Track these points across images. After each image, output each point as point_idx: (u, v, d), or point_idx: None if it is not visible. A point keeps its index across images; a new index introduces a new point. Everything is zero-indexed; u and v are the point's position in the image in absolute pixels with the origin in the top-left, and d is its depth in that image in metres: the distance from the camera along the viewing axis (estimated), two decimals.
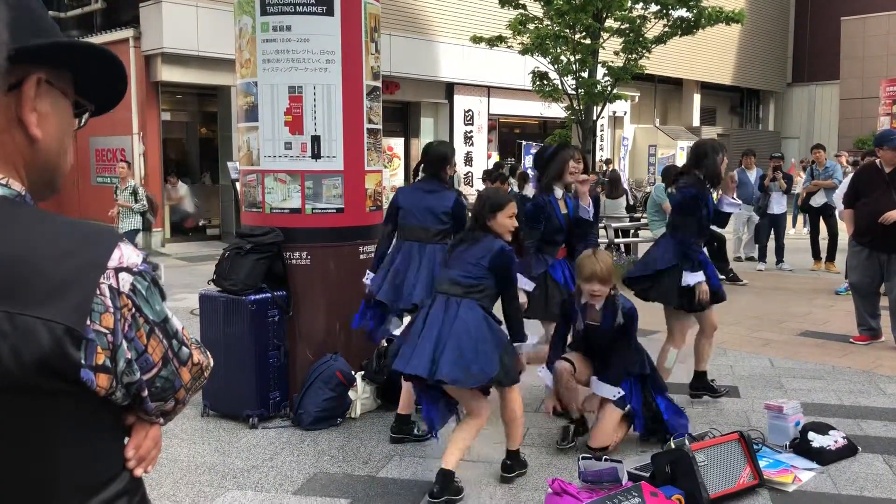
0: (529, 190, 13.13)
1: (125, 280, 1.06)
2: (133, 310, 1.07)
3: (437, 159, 4.89)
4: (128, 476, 1.15)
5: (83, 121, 1.20)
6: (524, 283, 4.89)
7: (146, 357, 1.10)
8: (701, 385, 5.32)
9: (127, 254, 1.08)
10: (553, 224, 4.92)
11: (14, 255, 0.99)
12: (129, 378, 1.07)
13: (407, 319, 4.15)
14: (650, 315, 8.09)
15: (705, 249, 5.47)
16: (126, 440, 1.18)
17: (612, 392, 4.36)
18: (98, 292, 1.03)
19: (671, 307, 5.15)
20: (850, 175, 8.29)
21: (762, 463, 4.06)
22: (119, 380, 1.06)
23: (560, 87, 12.99)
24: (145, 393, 1.12)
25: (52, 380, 0.99)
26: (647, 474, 3.90)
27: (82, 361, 1.00)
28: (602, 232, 10.00)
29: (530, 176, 13.46)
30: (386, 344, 4.98)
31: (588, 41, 12.64)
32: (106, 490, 1.10)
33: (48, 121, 1.09)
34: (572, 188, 5.08)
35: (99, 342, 1.02)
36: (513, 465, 4.11)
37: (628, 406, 4.41)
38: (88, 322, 1.01)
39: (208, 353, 1.28)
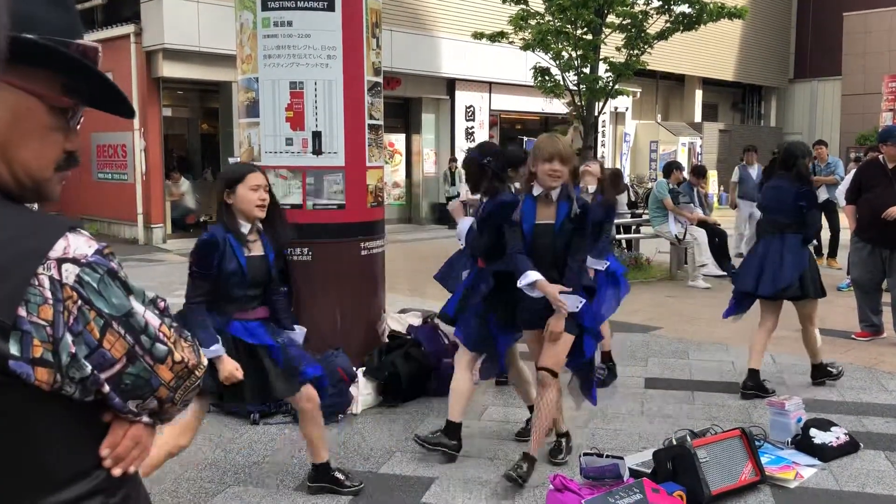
0: None
1: (69, 271, 1.02)
2: (79, 302, 1.03)
3: (509, 160, 5.18)
4: (103, 474, 1.11)
5: (75, 121, 1.16)
6: (463, 225, 4.61)
7: (102, 352, 1.05)
8: (755, 383, 5.38)
9: (75, 244, 1.04)
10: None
11: None
12: (79, 373, 1.03)
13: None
14: (652, 312, 8.10)
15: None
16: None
17: (575, 303, 3.82)
18: (36, 283, 0.99)
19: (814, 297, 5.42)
20: (853, 171, 8.29)
21: (764, 459, 4.06)
22: (65, 374, 1.02)
23: (562, 82, 12.96)
24: (106, 389, 1.07)
25: None
26: (649, 471, 3.90)
27: (13, 353, 0.97)
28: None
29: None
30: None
31: (589, 37, 12.60)
32: (70, 487, 1.06)
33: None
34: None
35: (36, 335, 0.99)
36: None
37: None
38: (24, 313, 0.98)
39: (200, 351, 1.22)
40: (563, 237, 3.85)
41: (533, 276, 3.77)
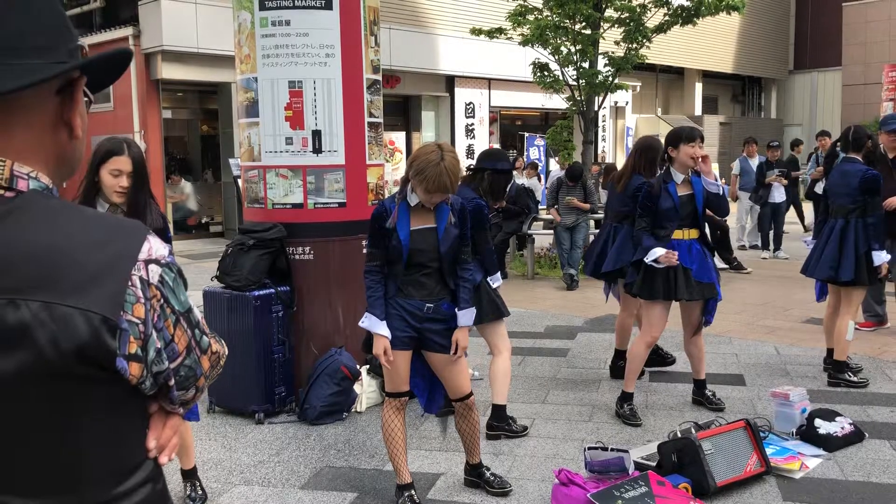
0: (533, 182, 13.10)
1: (154, 271, 1.09)
2: (162, 300, 1.10)
3: (642, 150, 5.42)
4: (151, 464, 1.18)
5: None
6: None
7: (173, 346, 1.13)
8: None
9: (155, 246, 1.11)
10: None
11: (49, 247, 1.01)
12: (158, 367, 1.11)
13: None
14: None
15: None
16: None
17: (471, 316, 3.62)
18: (130, 283, 1.06)
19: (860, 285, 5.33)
20: None
21: (769, 450, 4.06)
22: (149, 368, 1.09)
23: (561, 77, 12.95)
24: (172, 381, 1.15)
25: (88, 368, 1.02)
26: (654, 463, 3.90)
27: (117, 350, 1.03)
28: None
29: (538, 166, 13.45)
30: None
31: (588, 31, 12.58)
32: (133, 476, 1.13)
33: (84, 120, 1.14)
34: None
35: (131, 332, 1.05)
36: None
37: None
38: (122, 312, 1.04)
39: (223, 341, 1.32)
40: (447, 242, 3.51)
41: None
